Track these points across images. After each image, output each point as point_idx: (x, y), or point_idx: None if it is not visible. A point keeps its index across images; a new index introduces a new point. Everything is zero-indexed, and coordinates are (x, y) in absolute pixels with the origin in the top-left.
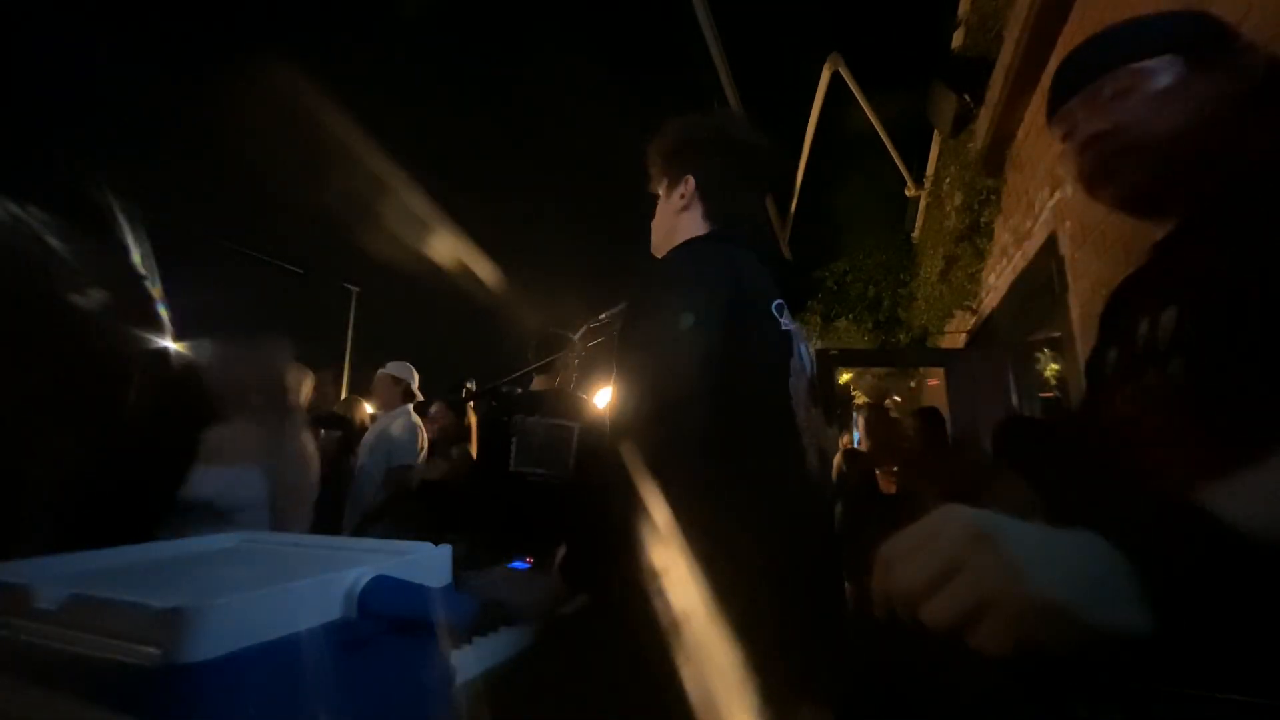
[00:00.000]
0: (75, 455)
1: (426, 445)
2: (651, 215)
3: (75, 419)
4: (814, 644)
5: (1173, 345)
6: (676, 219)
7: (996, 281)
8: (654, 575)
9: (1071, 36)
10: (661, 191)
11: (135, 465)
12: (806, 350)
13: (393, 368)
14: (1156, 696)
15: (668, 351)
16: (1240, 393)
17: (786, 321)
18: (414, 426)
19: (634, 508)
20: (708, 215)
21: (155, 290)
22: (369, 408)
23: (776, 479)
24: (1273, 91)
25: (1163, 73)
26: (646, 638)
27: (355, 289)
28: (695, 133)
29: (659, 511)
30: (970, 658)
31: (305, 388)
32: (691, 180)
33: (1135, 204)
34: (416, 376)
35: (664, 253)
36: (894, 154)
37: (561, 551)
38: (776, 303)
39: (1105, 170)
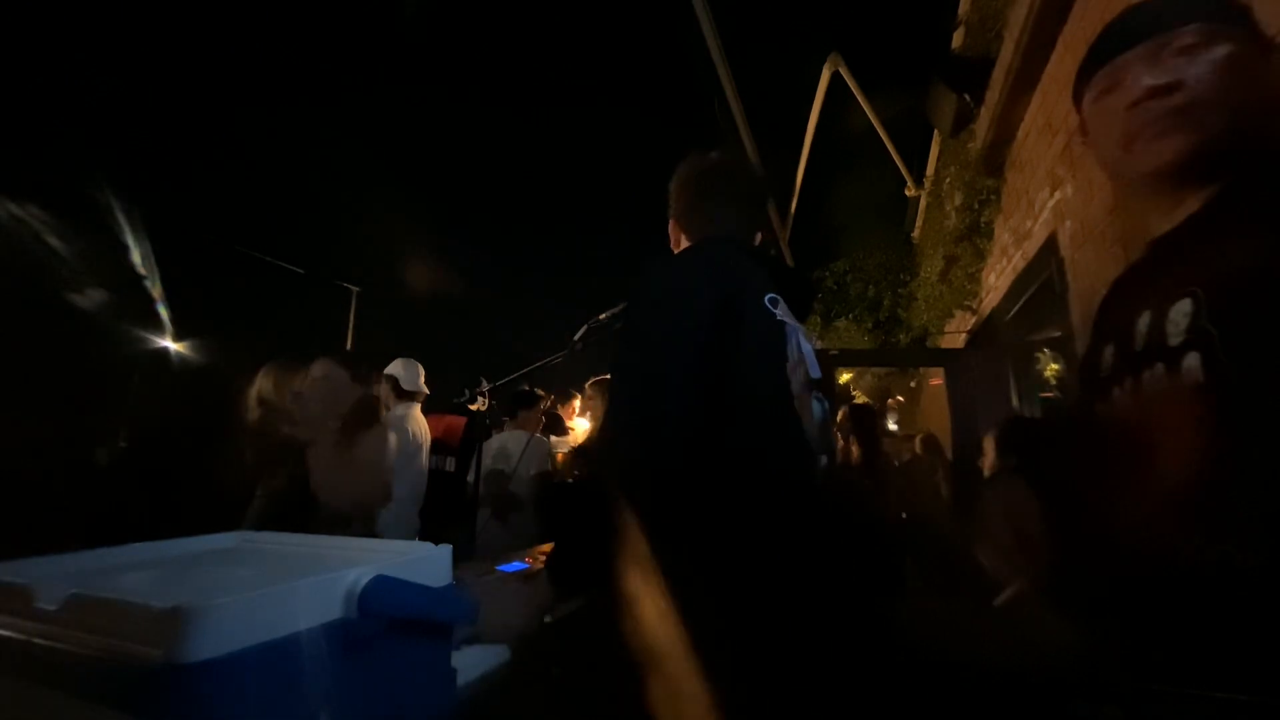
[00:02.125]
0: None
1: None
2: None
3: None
4: (815, 646)
5: (1187, 340)
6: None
7: (996, 281)
8: (646, 578)
9: (1071, 36)
10: None
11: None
12: (807, 345)
13: (393, 366)
14: (1156, 696)
15: (657, 349)
16: (1269, 387)
17: (781, 314)
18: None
19: (625, 509)
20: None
21: (155, 290)
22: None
23: (776, 472)
24: None
25: (1231, 41)
26: (640, 642)
27: (355, 289)
28: (672, 179)
29: (650, 513)
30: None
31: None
32: (671, 221)
33: (1172, 172)
34: (422, 372)
35: None
36: (894, 154)
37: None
38: (770, 296)
39: (1158, 129)
